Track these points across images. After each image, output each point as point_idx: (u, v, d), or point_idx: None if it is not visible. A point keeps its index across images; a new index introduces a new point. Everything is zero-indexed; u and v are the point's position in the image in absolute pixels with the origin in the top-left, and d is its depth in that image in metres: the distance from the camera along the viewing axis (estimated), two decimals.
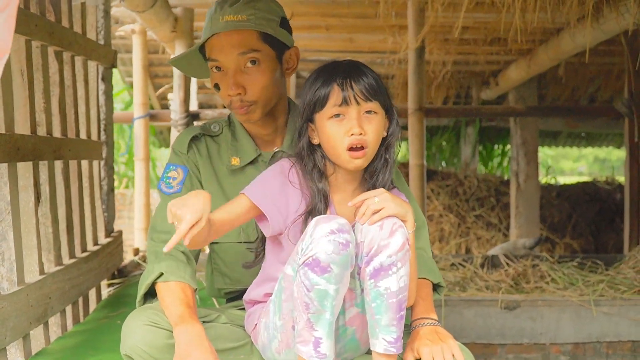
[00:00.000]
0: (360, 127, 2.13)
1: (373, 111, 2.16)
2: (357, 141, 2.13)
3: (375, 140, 2.17)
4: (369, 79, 2.17)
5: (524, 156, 9.03)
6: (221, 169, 2.53)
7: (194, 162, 2.53)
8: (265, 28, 2.36)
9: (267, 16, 2.38)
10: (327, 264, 1.98)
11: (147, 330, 2.19)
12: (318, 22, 6.76)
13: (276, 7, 2.44)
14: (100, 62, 4.20)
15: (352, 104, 2.14)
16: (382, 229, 2.06)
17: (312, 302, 2.00)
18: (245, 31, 2.35)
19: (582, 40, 5.59)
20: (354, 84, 2.15)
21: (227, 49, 2.36)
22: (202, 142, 2.55)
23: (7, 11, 1.66)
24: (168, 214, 1.99)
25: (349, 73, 2.17)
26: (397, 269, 2.05)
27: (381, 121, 2.18)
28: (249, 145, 2.52)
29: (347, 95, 2.14)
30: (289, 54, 2.47)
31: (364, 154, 2.15)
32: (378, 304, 2.06)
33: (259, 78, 2.38)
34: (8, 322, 2.69)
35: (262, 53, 2.37)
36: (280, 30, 2.41)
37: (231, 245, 2.54)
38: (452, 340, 2.23)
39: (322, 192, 2.21)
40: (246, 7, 2.36)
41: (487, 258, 5.57)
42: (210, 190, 2.50)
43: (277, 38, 2.40)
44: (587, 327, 4.51)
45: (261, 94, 2.39)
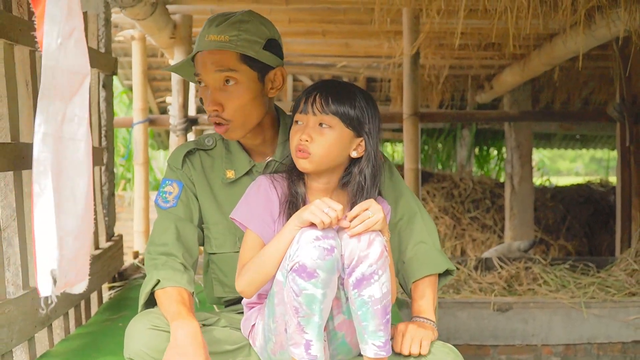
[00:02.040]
0: (307, 135, 2.27)
1: (326, 125, 2.28)
2: (301, 146, 2.27)
3: (323, 152, 2.29)
4: (339, 97, 2.30)
5: (519, 159, 9.08)
6: (216, 182, 2.61)
7: (189, 176, 2.61)
8: (246, 50, 2.43)
9: (250, 38, 2.44)
10: (314, 269, 2.08)
11: (150, 334, 2.26)
12: (315, 28, 6.83)
13: (265, 29, 2.50)
14: (101, 69, 4.27)
15: (309, 114, 2.29)
16: (360, 241, 2.16)
17: (301, 306, 2.10)
18: (225, 51, 2.43)
19: (575, 46, 5.65)
20: (318, 97, 2.29)
21: (208, 66, 2.45)
22: (196, 157, 2.63)
23: (75, 35, 1.72)
24: None
25: (321, 88, 2.32)
26: (379, 276, 2.15)
27: (336, 137, 2.29)
28: (242, 157, 2.60)
29: (307, 106, 2.29)
30: (273, 74, 2.52)
31: (306, 157, 2.28)
32: (364, 311, 2.15)
33: (235, 97, 2.45)
34: (14, 326, 2.77)
35: (240, 73, 2.44)
36: (263, 52, 2.47)
37: (229, 255, 2.62)
38: (430, 333, 2.33)
39: (299, 193, 2.34)
40: (230, 28, 2.44)
41: (481, 261, 5.65)
42: (206, 203, 2.60)
43: (259, 60, 2.47)
44: (578, 328, 4.59)
45: (237, 113, 2.47)
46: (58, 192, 1.70)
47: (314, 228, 2.14)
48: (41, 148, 1.68)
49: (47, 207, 1.68)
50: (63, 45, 1.70)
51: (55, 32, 1.68)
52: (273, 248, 2.22)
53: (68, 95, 1.73)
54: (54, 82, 1.69)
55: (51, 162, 1.69)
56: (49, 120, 1.69)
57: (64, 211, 1.72)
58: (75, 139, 1.75)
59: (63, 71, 1.71)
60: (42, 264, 1.67)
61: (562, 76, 8.24)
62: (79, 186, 1.76)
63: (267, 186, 2.37)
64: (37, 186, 1.67)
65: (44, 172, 1.68)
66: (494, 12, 4.71)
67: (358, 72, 9.20)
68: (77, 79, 1.74)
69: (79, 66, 1.73)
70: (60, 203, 1.70)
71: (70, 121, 1.74)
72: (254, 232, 2.33)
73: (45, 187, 1.68)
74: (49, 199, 1.67)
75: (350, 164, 2.36)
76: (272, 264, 2.22)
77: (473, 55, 7.49)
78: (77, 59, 1.73)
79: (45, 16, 1.67)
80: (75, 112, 1.75)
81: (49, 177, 1.68)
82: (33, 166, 1.66)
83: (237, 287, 2.31)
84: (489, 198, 10.21)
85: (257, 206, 2.35)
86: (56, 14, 1.68)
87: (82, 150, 1.77)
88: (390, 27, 6.11)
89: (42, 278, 1.66)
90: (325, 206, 2.15)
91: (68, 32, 1.70)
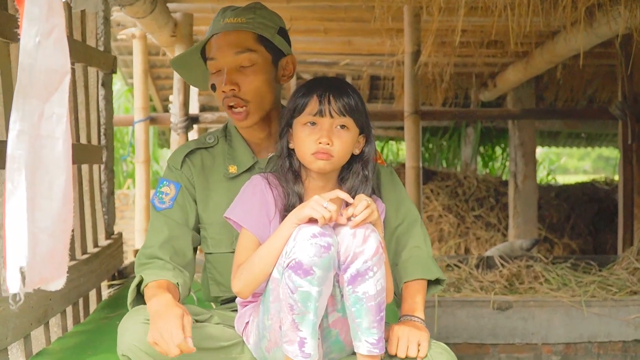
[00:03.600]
0: (328, 139, 2.27)
1: (345, 126, 2.31)
2: (324, 150, 2.27)
3: (343, 153, 2.32)
4: (349, 97, 2.32)
5: (522, 157, 9.07)
6: (216, 180, 2.62)
7: (188, 176, 2.62)
8: (263, 31, 2.49)
9: (265, 22, 2.51)
10: (310, 267, 2.08)
11: (143, 328, 2.25)
12: (316, 26, 6.84)
13: (276, 18, 2.58)
14: (100, 68, 4.27)
15: (326, 116, 2.29)
16: (355, 236, 2.16)
17: (296, 304, 2.10)
18: (243, 32, 2.49)
19: (576, 44, 5.64)
20: (332, 98, 2.29)
21: (225, 48, 2.50)
22: (197, 156, 2.64)
23: (55, 34, 1.72)
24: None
25: (330, 88, 2.32)
26: (374, 273, 2.15)
27: (351, 137, 2.33)
28: (246, 153, 2.62)
29: (323, 107, 2.29)
30: (285, 61, 2.58)
31: (329, 158, 2.29)
32: (358, 308, 2.15)
33: (253, 78, 2.50)
34: (9, 323, 2.77)
35: (257, 54, 2.50)
36: (277, 37, 2.53)
37: (224, 255, 2.62)
38: (426, 334, 2.32)
39: (296, 192, 2.34)
40: (246, 12, 2.51)
41: (482, 259, 5.64)
42: (203, 202, 2.61)
43: (274, 43, 2.52)
44: (578, 327, 4.58)
45: (255, 94, 2.51)
46: (32, 189, 1.69)
47: (311, 225, 2.14)
48: (16, 145, 1.67)
49: (19, 204, 1.67)
50: (42, 44, 1.69)
51: (34, 30, 1.68)
52: (270, 246, 2.22)
53: (46, 94, 1.73)
54: (31, 80, 1.69)
55: (26, 160, 1.68)
56: (25, 118, 1.68)
57: (39, 208, 1.71)
58: (53, 136, 1.74)
59: (41, 70, 1.70)
60: (11, 261, 1.67)
61: (566, 74, 8.23)
62: (56, 184, 1.75)
63: (263, 186, 2.37)
64: (9, 184, 1.67)
65: (18, 169, 1.67)
66: (494, 9, 4.71)
67: (361, 70, 9.20)
68: (56, 77, 1.73)
69: (58, 65, 1.73)
70: (35, 200, 1.70)
71: (49, 119, 1.73)
72: (250, 232, 2.33)
73: (19, 185, 1.67)
74: (21, 196, 1.67)
75: (349, 161, 2.38)
76: (269, 263, 2.22)
77: (476, 53, 7.47)
78: (56, 58, 1.72)
79: (24, 14, 1.67)
80: (53, 110, 1.74)
81: (23, 175, 1.67)
82: (7, 163, 1.66)
83: (233, 288, 2.30)
84: (493, 196, 10.22)
85: (252, 206, 2.35)
86: (35, 12, 1.68)
87: (60, 148, 1.76)
88: (392, 25, 6.10)
89: (10, 275, 1.66)
90: (325, 201, 2.15)
91: (47, 31, 1.70)
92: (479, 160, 12.66)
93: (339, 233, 2.18)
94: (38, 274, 1.69)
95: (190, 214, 2.61)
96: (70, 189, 1.77)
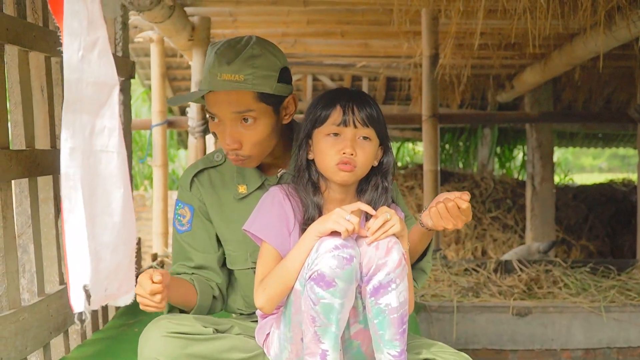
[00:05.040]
0: (352, 149, 2.25)
1: (368, 137, 2.29)
2: (348, 160, 2.25)
3: (365, 164, 2.30)
4: (371, 108, 2.31)
5: (540, 159, 9.03)
6: (227, 198, 2.60)
7: (198, 197, 2.61)
8: (263, 88, 2.39)
9: (265, 74, 2.40)
10: (332, 279, 2.07)
11: (165, 341, 2.25)
12: (333, 29, 6.83)
13: (276, 60, 2.44)
14: (119, 73, 4.25)
15: (350, 126, 2.27)
16: (378, 248, 2.15)
17: (318, 316, 2.09)
18: (242, 91, 2.38)
19: (595, 47, 5.61)
20: (356, 108, 2.28)
21: (224, 107, 2.40)
22: (205, 176, 2.62)
23: (99, 46, 1.71)
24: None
25: (353, 98, 2.31)
26: (396, 285, 2.14)
27: (374, 148, 2.31)
28: (253, 171, 2.59)
29: (347, 118, 2.27)
30: (287, 102, 2.49)
31: (352, 170, 2.27)
32: (380, 320, 2.15)
33: (254, 134, 2.42)
34: (29, 333, 2.77)
35: (258, 112, 2.40)
36: (277, 86, 2.42)
37: (243, 272, 2.61)
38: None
39: (316, 204, 2.32)
40: (244, 66, 2.37)
41: (501, 263, 5.61)
42: (217, 220, 2.60)
43: (275, 94, 2.43)
44: (597, 333, 4.55)
45: (256, 148, 2.44)
46: (91, 205, 1.68)
47: (333, 237, 2.13)
48: (69, 163, 1.66)
49: (78, 222, 1.66)
50: (85, 57, 1.68)
51: (76, 44, 1.67)
52: (292, 260, 2.21)
53: (96, 108, 1.72)
54: (78, 95, 1.68)
55: (81, 176, 1.67)
56: (76, 134, 1.67)
57: (99, 225, 1.71)
58: (107, 150, 1.73)
59: (88, 83, 1.69)
60: (74, 279, 1.66)
61: (584, 75, 8.16)
62: (114, 198, 1.75)
63: (282, 198, 2.36)
64: (67, 202, 1.65)
65: (74, 186, 1.66)
66: (514, 13, 4.68)
67: (378, 72, 9.18)
68: (104, 90, 1.72)
69: (105, 77, 1.72)
70: (94, 217, 1.69)
71: (100, 133, 1.72)
72: (271, 245, 2.31)
73: (76, 202, 1.66)
74: (80, 214, 1.66)
75: (368, 173, 2.36)
76: (291, 277, 2.20)
77: (493, 55, 7.44)
78: (102, 70, 1.71)
79: (64, 28, 1.66)
80: (104, 123, 1.73)
81: (79, 192, 1.66)
82: (61, 181, 1.64)
83: (256, 304, 2.29)
84: (510, 198, 10.18)
85: (272, 218, 2.33)
86: (75, 26, 1.67)
87: (115, 162, 1.75)
88: (410, 28, 6.09)
89: (74, 294, 1.65)
90: (347, 214, 2.14)
91: (91, 44, 1.69)
92: (496, 161, 12.60)
93: (361, 245, 2.18)
94: (103, 291, 1.69)
95: (211, 231, 2.62)
96: (130, 202, 1.77)
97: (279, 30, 6.78)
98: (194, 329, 2.33)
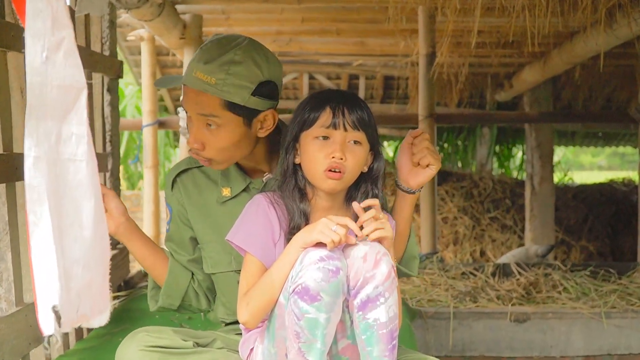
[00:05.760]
0: (342, 153, 2.14)
1: (358, 141, 2.19)
2: (337, 165, 2.14)
3: (355, 170, 2.19)
4: (362, 111, 2.20)
5: (539, 158, 8.96)
6: (211, 200, 2.51)
7: (178, 198, 2.53)
8: (232, 97, 2.27)
9: (239, 83, 2.27)
10: (317, 292, 1.97)
11: (141, 355, 2.21)
12: (329, 27, 6.76)
13: (258, 72, 2.31)
14: (105, 73, 4.16)
15: (340, 129, 2.16)
16: (366, 260, 2.05)
17: (303, 331, 1.99)
18: (209, 95, 2.28)
19: (595, 45, 5.53)
20: (346, 110, 2.17)
21: (191, 105, 2.32)
22: (189, 176, 2.54)
23: (64, 47, 1.59)
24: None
25: (343, 100, 2.20)
26: (385, 299, 2.04)
27: (364, 153, 2.21)
28: (238, 174, 2.49)
29: (337, 120, 2.16)
30: (263, 116, 2.35)
31: (340, 177, 2.16)
32: (368, 335, 2.04)
33: (217, 139, 2.32)
34: (6, 345, 2.67)
35: (222, 119, 2.29)
36: (251, 99, 2.29)
37: (225, 275, 2.52)
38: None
39: (302, 211, 2.21)
40: (219, 70, 2.27)
41: (499, 267, 5.51)
42: (200, 222, 2.52)
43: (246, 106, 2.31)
44: (597, 339, 4.45)
45: (218, 154, 2.35)
46: (59, 218, 1.57)
47: (318, 248, 2.03)
48: (33, 174, 1.53)
49: (45, 237, 1.54)
50: (50, 59, 1.56)
51: (39, 45, 1.55)
52: (275, 273, 2.10)
53: (62, 113, 1.60)
54: (42, 100, 1.56)
55: (47, 188, 1.55)
56: (40, 143, 1.55)
57: (69, 238, 1.59)
58: (75, 159, 1.61)
59: (52, 87, 1.57)
60: (42, 300, 1.53)
61: (584, 74, 8.09)
62: (84, 210, 1.63)
63: (266, 206, 2.24)
64: (32, 215, 1.53)
65: (39, 199, 1.54)
66: (512, 10, 4.60)
67: (374, 71, 9.09)
68: (70, 94, 1.60)
69: (72, 79, 1.60)
70: (63, 231, 1.57)
71: (67, 141, 1.60)
72: (255, 257, 2.20)
73: (42, 216, 1.54)
74: (46, 228, 1.54)
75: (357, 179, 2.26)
76: (275, 291, 2.10)
77: (492, 53, 7.36)
78: (68, 72, 1.59)
79: (25, 29, 1.54)
80: (72, 130, 1.61)
81: (45, 205, 1.54)
82: (26, 194, 1.52)
83: (240, 319, 2.19)
84: (509, 197, 10.12)
85: (256, 228, 2.22)
86: (39, 25, 1.55)
87: (85, 171, 1.63)
88: (406, 26, 5.99)
89: (43, 315, 1.52)
90: (333, 224, 2.04)
91: (55, 44, 1.57)
92: (495, 160, 12.54)
93: (348, 256, 2.07)
94: (75, 312, 1.56)
95: (185, 236, 2.55)
96: (103, 213, 1.65)
97: (273, 28, 6.70)
98: (172, 342, 2.27)
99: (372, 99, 10.05)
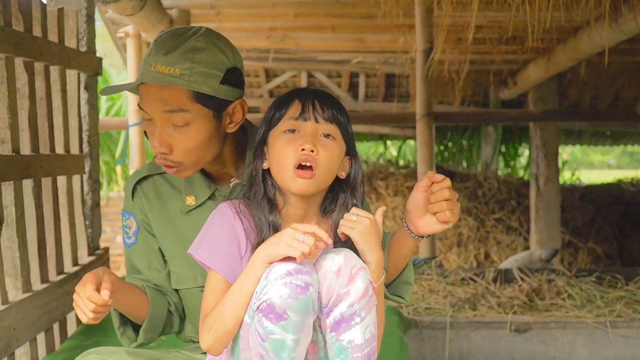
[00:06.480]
0: (312, 145, 1.93)
1: (331, 135, 1.97)
2: (307, 157, 1.93)
3: (328, 167, 1.97)
4: (335, 106, 2.00)
5: (544, 158, 8.77)
6: (174, 209, 2.30)
7: (141, 208, 2.31)
8: (200, 87, 2.07)
9: (206, 71, 2.07)
10: (283, 310, 1.77)
11: None
12: (323, 23, 6.60)
13: (223, 58, 2.13)
14: (82, 70, 3.95)
15: (310, 120, 1.96)
16: (340, 275, 1.84)
17: (268, 354, 1.79)
18: (175, 88, 2.06)
19: (600, 41, 5.37)
20: (317, 102, 1.97)
21: (154, 103, 2.09)
22: (150, 184, 2.32)
23: None
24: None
25: (315, 94, 2.00)
26: (361, 319, 1.84)
27: (338, 150, 1.99)
28: (202, 181, 2.27)
29: (306, 112, 1.96)
30: (232, 108, 2.16)
31: (312, 176, 1.94)
32: (342, 359, 1.85)
33: (186, 139, 2.10)
34: None
35: (192, 113, 2.08)
36: (220, 87, 2.10)
37: (190, 292, 2.31)
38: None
39: (271, 224, 1.99)
40: (183, 59, 2.06)
41: (500, 272, 5.29)
42: (163, 234, 2.30)
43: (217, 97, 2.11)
44: (602, 350, 4.23)
45: (188, 155, 2.13)
46: None
47: (285, 261, 1.82)
48: None
49: None
50: None
51: None
52: (238, 291, 1.89)
53: None
54: None
55: None
56: None
57: None
58: None
59: None
60: None
61: (590, 71, 7.93)
62: None
63: (232, 216, 2.02)
64: None
65: None
66: (511, 4, 4.40)
67: (374, 68, 8.89)
68: None
69: None
70: None
71: None
72: (218, 273, 1.98)
73: None
74: None
75: (334, 186, 2.05)
76: (239, 312, 1.88)
77: (493, 50, 7.18)
78: None
79: None
80: None
81: None
82: None
83: (202, 345, 1.96)
84: (514, 198, 9.96)
85: (221, 242, 2.00)
86: None
87: None
88: (403, 21, 5.80)
89: None
90: (300, 233, 1.81)
91: None
92: (501, 160, 12.34)
93: (320, 269, 1.85)
94: None
95: (154, 246, 2.33)
96: None
97: (266, 24, 6.52)
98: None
99: (374, 98, 9.88)
